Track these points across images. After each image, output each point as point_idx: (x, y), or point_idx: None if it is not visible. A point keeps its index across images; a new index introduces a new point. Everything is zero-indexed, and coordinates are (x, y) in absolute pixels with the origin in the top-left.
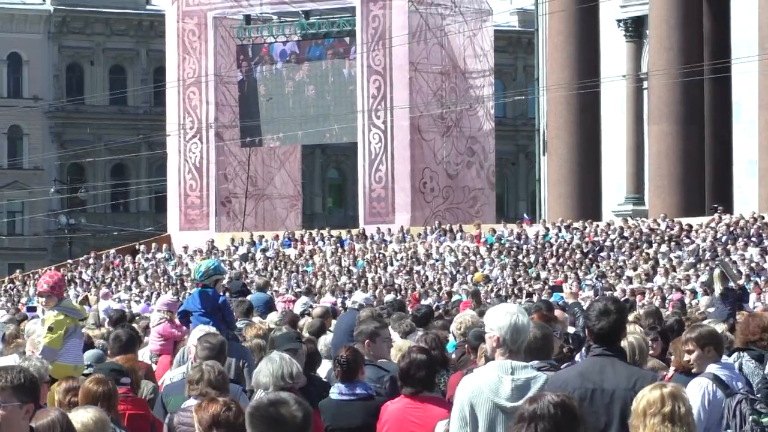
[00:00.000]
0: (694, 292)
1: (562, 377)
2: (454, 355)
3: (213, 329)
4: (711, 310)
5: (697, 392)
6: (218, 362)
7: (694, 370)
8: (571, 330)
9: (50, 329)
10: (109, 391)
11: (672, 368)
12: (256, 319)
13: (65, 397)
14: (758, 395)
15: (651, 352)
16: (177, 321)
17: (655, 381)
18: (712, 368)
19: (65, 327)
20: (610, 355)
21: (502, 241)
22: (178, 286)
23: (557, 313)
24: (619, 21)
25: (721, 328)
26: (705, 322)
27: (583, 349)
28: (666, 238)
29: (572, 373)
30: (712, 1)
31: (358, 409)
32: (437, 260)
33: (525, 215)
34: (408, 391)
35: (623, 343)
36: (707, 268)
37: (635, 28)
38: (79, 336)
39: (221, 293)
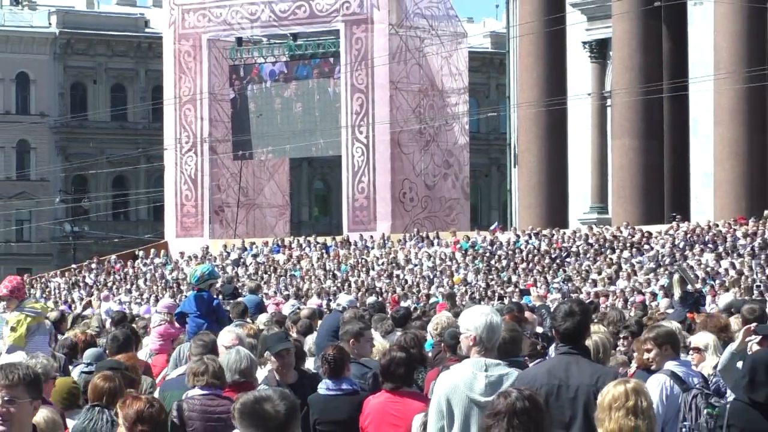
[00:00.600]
0: (654, 295)
1: (530, 374)
2: (431, 353)
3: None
4: (670, 311)
5: (656, 388)
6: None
7: (653, 367)
8: (539, 330)
9: (12, 329)
10: (115, 387)
11: (634, 365)
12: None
13: None
14: (713, 390)
15: (623, 349)
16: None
17: (616, 377)
18: (670, 365)
19: (26, 326)
20: (575, 354)
21: (476, 248)
22: (175, 290)
23: (527, 314)
24: (584, 43)
25: (676, 327)
26: (663, 322)
27: (552, 346)
28: (628, 244)
29: (540, 370)
30: (670, 25)
31: (344, 403)
32: (416, 265)
33: (497, 223)
34: (389, 386)
35: (588, 342)
36: (666, 272)
37: (599, 50)
38: (43, 333)
39: (215, 296)
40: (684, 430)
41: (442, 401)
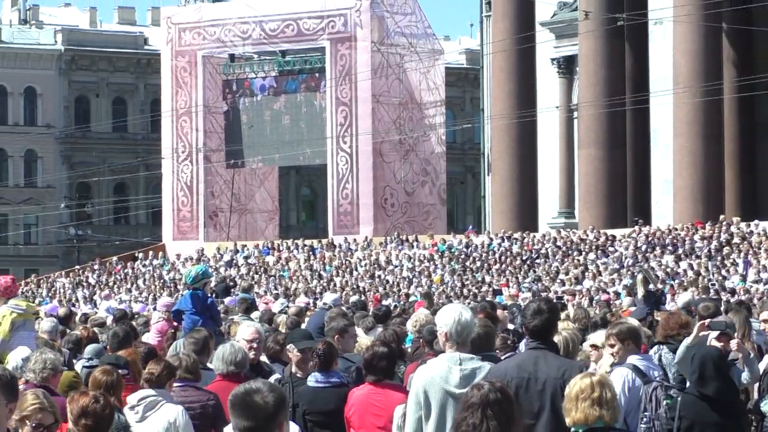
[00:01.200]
0: (617, 294)
1: (502, 368)
2: (410, 348)
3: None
4: (633, 309)
5: (618, 380)
6: (195, 353)
7: (616, 362)
8: (510, 327)
9: None
10: (113, 381)
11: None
12: (237, 317)
13: None
14: (673, 382)
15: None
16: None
17: (582, 371)
18: (632, 359)
19: (11, 321)
20: (544, 349)
21: (452, 250)
22: (172, 289)
23: (499, 312)
24: (553, 59)
25: (636, 324)
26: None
27: (522, 342)
28: (593, 246)
29: (511, 364)
30: (632, 43)
31: (332, 395)
32: (396, 266)
33: (471, 227)
34: (371, 379)
35: (558, 338)
36: (629, 273)
37: (567, 66)
38: (28, 329)
39: (209, 295)
40: (645, 419)
41: (420, 393)
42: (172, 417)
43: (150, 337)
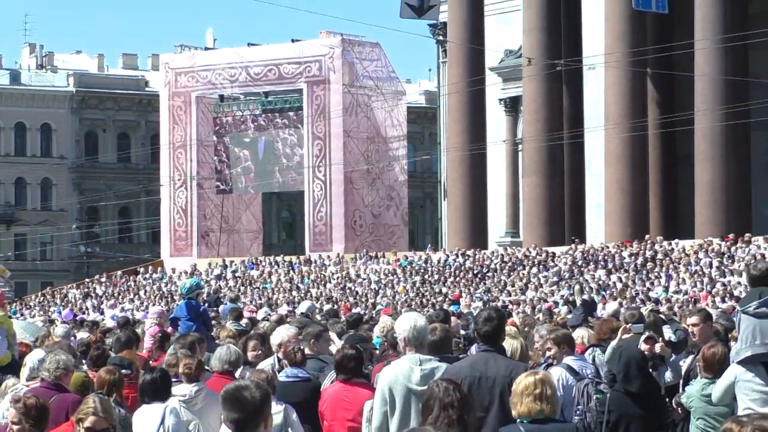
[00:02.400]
0: (556, 303)
1: (457, 367)
2: (378, 351)
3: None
4: (570, 316)
5: (555, 378)
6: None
7: (554, 362)
8: (462, 332)
9: None
10: (116, 379)
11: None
12: (229, 324)
13: None
14: (605, 380)
15: (538, 345)
16: (167, 326)
17: (526, 370)
18: (567, 360)
19: None
20: (493, 351)
21: (413, 265)
22: (169, 299)
23: (453, 319)
24: (500, 100)
25: (584, 332)
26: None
27: (474, 345)
28: (536, 262)
29: (464, 364)
30: (569, 86)
31: (300, 388)
32: (364, 279)
33: (430, 245)
34: (342, 377)
35: (513, 344)
36: (567, 285)
37: (512, 105)
38: (1, 335)
39: (201, 304)
40: (578, 412)
41: (386, 390)
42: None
43: (146, 341)
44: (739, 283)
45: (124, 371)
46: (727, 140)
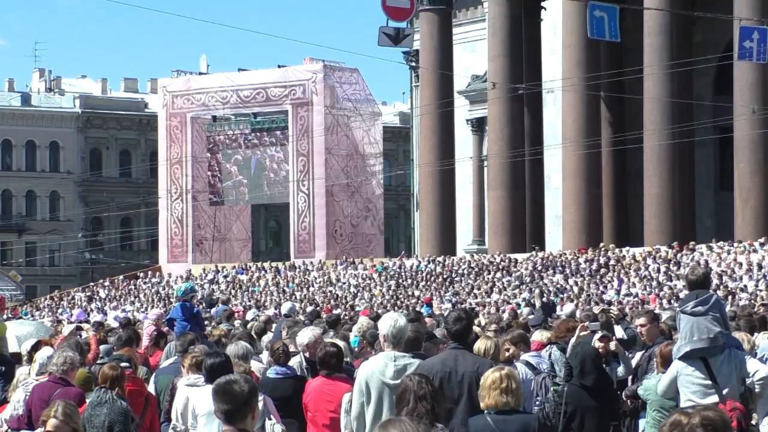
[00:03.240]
0: (518, 305)
1: (429, 363)
2: (356, 348)
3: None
4: (531, 317)
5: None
6: (181, 352)
7: (514, 360)
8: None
9: None
10: (119, 374)
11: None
12: (223, 324)
13: None
14: (560, 374)
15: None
16: (163, 326)
17: (492, 366)
18: (526, 356)
19: None
20: (462, 348)
21: (389, 270)
22: (166, 301)
23: (426, 320)
24: (467, 120)
25: (544, 331)
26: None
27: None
28: (500, 267)
29: (436, 361)
30: (530, 107)
31: (288, 384)
32: (344, 283)
33: (403, 252)
34: (324, 372)
35: (486, 344)
36: (528, 288)
37: (478, 125)
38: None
39: (196, 306)
40: (537, 403)
41: (363, 383)
42: None
43: (144, 340)
44: (684, 286)
45: (125, 365)
46: (673, 157)
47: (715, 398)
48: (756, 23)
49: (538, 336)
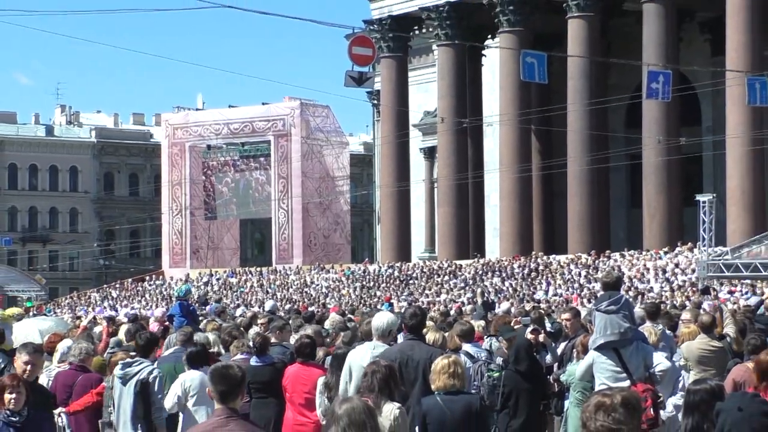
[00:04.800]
0: (463, 303)
1: (389, 351)
2: (328, 339)
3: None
4: (473, 313)
5: None
6: (183, 343)
7: (459, 350)
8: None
9: None
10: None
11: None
12: (217, 319)
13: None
14: (495, 361)
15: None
16: (165, 321)
17: (441, 355)
18: (466, 347)
19: None
20: (417, 339)
21: (355, 274)
22: (168, 300)
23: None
24: (420, 149)
25: (477, 324)
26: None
27: (400, 335)
28: (447, 272)
29: (395, 349)
30: (472, 137)
31: (267, 371)
32: (317, 285)
33: (367, 259)
34: (300, 359)
35: (435, 336)
36: (470, 289)
37: (430, 153)
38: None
39: (192, 304)
40: (474, 386)
41: (348, 366)
42: None
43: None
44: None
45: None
46: (591, 180)
47: (625, 383)
48: (661, 68)
49: (478, 329)
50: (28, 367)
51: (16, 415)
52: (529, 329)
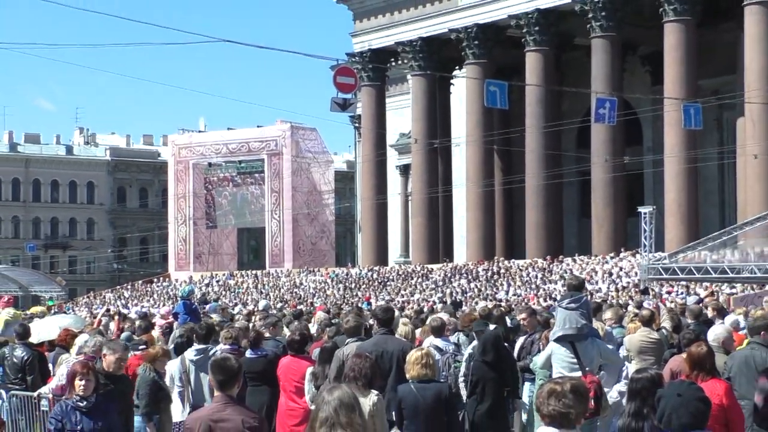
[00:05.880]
0: (434, 302)
1: (365, 344)
2: (315, 334)
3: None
4: (444, 311)
5: None
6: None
7: (426, 344)
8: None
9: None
10: (156, 354)
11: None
12: (215, 315)
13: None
14: (464, 354)
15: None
16: (170, 318)
17: (413, 348)
18: (435, 341)
19: (4, 320)
20: (390, 333)
21: (339, 277)
22: (173, 300)
23: (366, 313)
24: (396, 166)
25: (446, 317)
26: (441, 315)
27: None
28: (420, 274)
29: (370, 343)
30: (442, 156)
31: (260, 362)
32: (305, 286)
33: (350, 264)
34: (291, 352)
35: (405, 329)
36: (440, 290)
37: (404, 170)
38: (11, 325)
39: (195, 303)
40: (443, 376)
41: (339, 358)
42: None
43: (156, 330)
44: (555, 288)
45: (142, 347)
46: (547, 194)
47: (578, 373)
48: (608, 96)
49: (449, 323)
50: (117, 362)
51: (84, 401)
52: (493, 326)
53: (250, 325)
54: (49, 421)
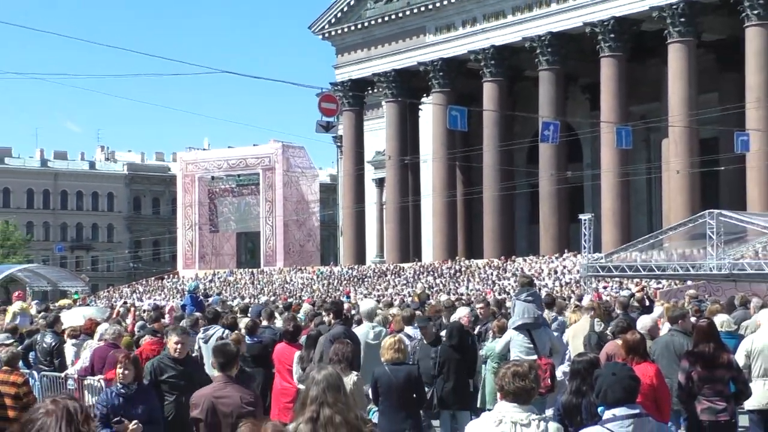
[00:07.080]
0: (405, 296)
1: (337, 331)
2: (303, 323)
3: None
4: (413, 303)
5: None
6: (192, 327)
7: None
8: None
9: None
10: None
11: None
12: (218, 307)
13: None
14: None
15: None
16: (179, 310)
17: (387, 334)
18: (407, 329)
19: (13, 312)
20: (343, 324)
21: (323, 274)
22: (181, 294)
23: (346, 306)
24: (373, 179)
25: (410, 311)
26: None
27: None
28: (393, 272)
29: (340, 330)
30: (412, 171)
31: (256, 347)
32: (295, 282)
33: (331, 263)
34: (285, 340)
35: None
36: (411, 286)
37: (380, 183)
38: (24, 316)
39: (200, 296)
40: (411, 361)
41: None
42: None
43: (167, 318)
44: (508, 284)
45: (156, 335)
46: (502, 203)
47: (534, 357)
48: (552, 119)
49: (417, 314)
50: (179, 346)
51: (126, 388)
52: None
53: (247, 319)
54: (96, 407)
